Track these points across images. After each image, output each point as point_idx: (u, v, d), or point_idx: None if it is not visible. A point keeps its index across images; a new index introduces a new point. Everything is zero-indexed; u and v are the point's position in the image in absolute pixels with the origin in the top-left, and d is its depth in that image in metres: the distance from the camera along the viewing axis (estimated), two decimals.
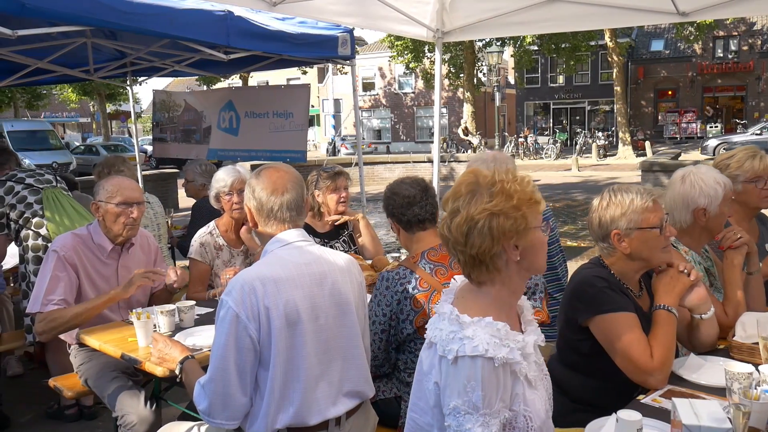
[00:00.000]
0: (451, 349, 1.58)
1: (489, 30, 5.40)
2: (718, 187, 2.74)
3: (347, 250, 4.02)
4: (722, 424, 1.59)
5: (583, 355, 2.34)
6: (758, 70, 35.27)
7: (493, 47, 26.76)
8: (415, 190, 2.68)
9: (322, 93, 41.46)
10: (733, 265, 2.76)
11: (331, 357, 2.09)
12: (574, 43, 28.30)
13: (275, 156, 7.32)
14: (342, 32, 5.92)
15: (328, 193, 3.92)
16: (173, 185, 15.03)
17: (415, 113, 41.90)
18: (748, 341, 2.40)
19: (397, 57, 30.19)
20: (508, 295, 1.72)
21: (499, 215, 1.62)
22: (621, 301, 2.26)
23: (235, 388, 1.96)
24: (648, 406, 2.05)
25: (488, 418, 1.54)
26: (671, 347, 2.22)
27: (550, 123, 40.69)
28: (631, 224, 2.26)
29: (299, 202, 2.17)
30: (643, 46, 38.47)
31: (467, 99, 27.79)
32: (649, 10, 4.55)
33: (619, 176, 20.47)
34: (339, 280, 2.15)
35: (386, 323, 2.54)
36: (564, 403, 2.30)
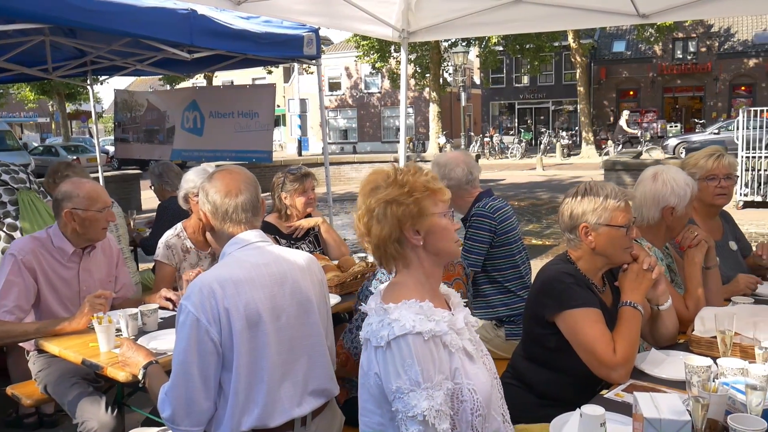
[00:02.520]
0: (382, 336, 1.64)
1: (454, 30, 5.44)
2: (687, 188, 2.84)
3: (313, 250, 4.00)
4: (682, 417, 1.62)
5: (549, 350, 2.37)
6: (716, 71, 36.16)
7: (458, 47, 26.91)
8: None
9: (288, 93, 41.14)
10: (694, 263, 2.84)
11: (294, 356, 2.09)
12: (538, 44, 28.63)
13: (240, 156, 7.26)
14: (307, 32, 5.89)
15: (296, 195, 3.90)
16: (136, 186, 14.77)
17: (381, 113, 41.91)
18: (707, 335, 2.46)
19: (363, 57, 30.15)
20: (425, 279, 1.80)
21: (391, 203, 1.73)
22: (587, 297, 2.30)
23: (199, 393, 1.94)
24: (611, 401, 2.08)
25: (431, 391, 1.60)
26: (634, 343, 2.27)
27: (515, 123, 41.09)
28: (600, 220, 2.32)
29: (255, 202, 2.16)
30: (605, 47, 39.12)
31: (433, 99, 27.89)
32: (610, 11, 4.64)
33: (583, 175, 20.76)
34: (300, 279, 2.14)
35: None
36: (529, 399, 2.33)
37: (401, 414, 1.61)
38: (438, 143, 27.77)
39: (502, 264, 3.55)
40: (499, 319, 3.55)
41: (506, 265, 3.55)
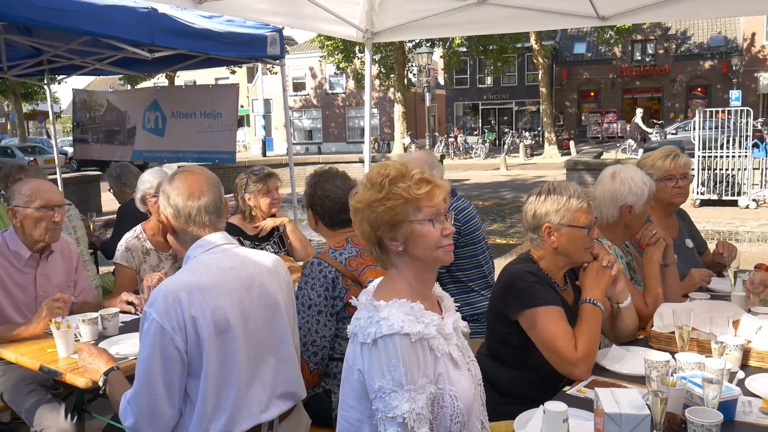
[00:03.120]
0: (369, 333, 1.63)
1: (418, 31, 5.46)
2: (645, 187, 2.90)
3: (278, 251, 3.98)
4: (641, 411, 1.66)
5: (513, 347, 2.40)
6: (673, 73, 37.01)
7: (422, 48, 27.00)
8: (347, 197, 2.71)
9: (252, 93, 40.79)
10: (652, 260, 2.91)
11: (262, 360, 2.06)
12: (501, 45, 28.95)
13: (203, 157, 7.17)
14: (271, 31, 5.85)
15: (260, 196, 3.87)
16: (96, 188, 14.47)
17: (346, 113, 41.83)
18: (665, 331, 2.52)
19: (327, 57, 30.08)
20: (415, 282, 1.78)
21: (365, 208, 1.74)
22: (549, 295, 2.34)
23: (163, 401, 1.90)
24: (573, 397, 2.12)
25: (413, 393, 1.59)
26: (595, 339, 2.30)
27: (479, 123, 41.43)
28: (562, 220, 2.36)
29: (218, 204, 2.11)
30: (567, 49, 39.72)
31: (398, 99, 27.98)
32: (571, 13, 4.71)
33: (546, 175, 21.04)
34: (267, 281, 2.11)
35: (321, 303, 2.56)
36: (493, 397, 2.35)
37: (381, 413, 1.60)
38: (403, 143, 27.87)
39: (466, 264, 3.57)
40: (464, 317, 3.56)
41: (470, 264, 3.58)
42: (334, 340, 2.64)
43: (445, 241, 1.76)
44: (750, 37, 34.50)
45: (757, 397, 2.07)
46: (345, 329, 2.63)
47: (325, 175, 2.81)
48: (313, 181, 2.81)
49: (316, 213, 2.79)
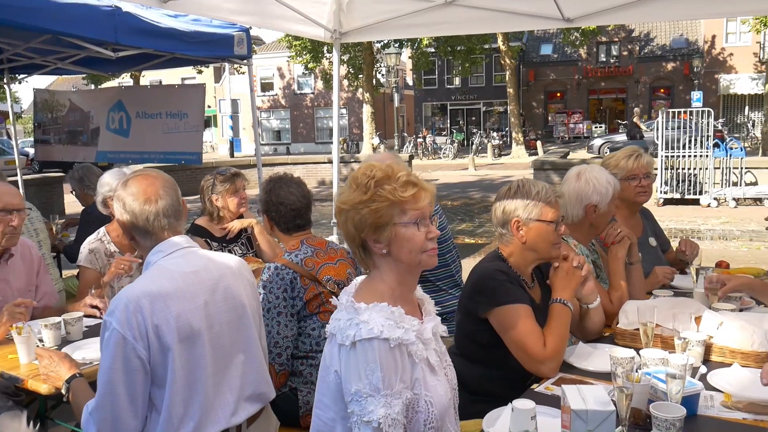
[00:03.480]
0: (348, 335, 1.62)
1: (386, 31, 5.47)
2: (609, 187, 2.95)
3: (246, 253, 3.95)
4: (607, 407, 1.68)
5: (482, 345, 2.42)
6: (637, 74, 37.68)
7: (391, 49, 27.09)
8: (301, 203, 2.84)
9: (219, 93, 40.34)
10: (617, 258, 2.96)
11: (229, 363, 2.04)
12: (469, 46, 29.14)
13: (169, 158, 7.08)
14: (238, 31, 5.80)
15: (228, 196, 3.84)
16: (59, 190, 14.15)
17: (315, 114, 41.66)
18: (630, 328, 2.57)
19: (295, 57, 29.92)
20: (396, 284, 1.78)
21: (350, 210, 1.73)
22: (518, 293, 2.37)
23: (126, 412, 1.85)
24: (541, 394, 2.14)
25: (390, 398, 1.59)
26: (564, 338, 2.34)
27: (448, 123, 41.66)
28: (531, 215, 2.40)
29: (176, 206, 2.06)
30: (533, 50, 40.15)
31: (366, 100, 27.95)
32: (537, 15, 4.77)
33: (514, 174, 21.24)
34: (231, 284, 2.09)
35: (281, 305, 2.62)
36: (462, 396, 2.37)
37: (356, 417, 1.60)
38: (372, 144, 27.86)
39: None
40: None
41: (438, 263, 3.59)
42: (297, 339, 2.68)
43: (430, 245, 1.76)
44: (711, 40, 35.32)
45: (718, 391, 2.12)
46: (307, 327, 2.67)
47: (279, 181, 2.85)
48: (268, 187, 2.86)
49: (272, 219, 2.86)
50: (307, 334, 2.70)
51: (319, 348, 2.69)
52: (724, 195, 13.20)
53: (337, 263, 2.80)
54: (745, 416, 1.94)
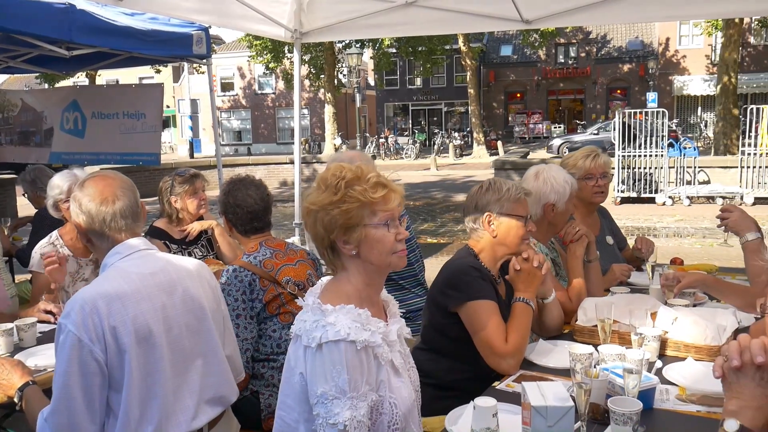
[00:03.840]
0: (314, 337, 1.61)
1: (347, 32, 5.47)
2: (567, 186, 3.01)
3: (206, 255, 3.89)
4: (566, 403, 1.71)
5: (451, 339, 2.47)
6: (594, 76, 38.39)
7: (352, 49, 27.06)
8: (259, 206, 2.82)
9: (178, 93, 39.74)
10: (576, 256, 3.02)
11: (189, 366, 2.01)
12: (430, 47, 29.31)
13: (126, 159, 6.95)
14: (197, 30, 5.74)
15: (187, 197, 3.78)
16: (11, 192, 13.73)
17: (276, 114, 41.34)
18: (589, 324, 2.61)
19: (256, 57, 29.68)
20: (364, 286, 1.78)
21: (319, 211, 1.72)
22: (489, 290, 2.43)
23: (83, 417, 1.81)
24: (503, 392, 2.17)
25: (356, 401, 1.59)
26: (524, 336, 2.38)
27: (410, 124, 41.81)
28: (502, 210, 2.49)
29: (134, 208, 2.03)
30: (494, 51, 40.57)
31: (328, 100, 27.88)
32: (496, 17, 4.83)
33: (475, 174, 21.45)
34: (190, 286, 2.06)
35: (240, 307, 2.62)
36: (428, 391, 2.39)
37: (322, 419, 1.59)
38: (334, 144, 27.80)
39: None
40: None
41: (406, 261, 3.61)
42: (257, 342, 2.66)
43: (399, 246, 1.76)
44: (665, 42, 36.19)
45: (673, 384, 2.17)
46: (268, 329, 2.66)
47: (238, 183, 2.84)
48: (227, 188, 2.86)
49: (230, 220, 2.85)
50: (268, 336, 2.68)
51: (280, 350, 2.67)
52: (679, 193, 13.55)
53: (296, 264, 2.80)
54: (699, 409, 2.00)
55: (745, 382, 1.39)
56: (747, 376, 1.39)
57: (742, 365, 1.38)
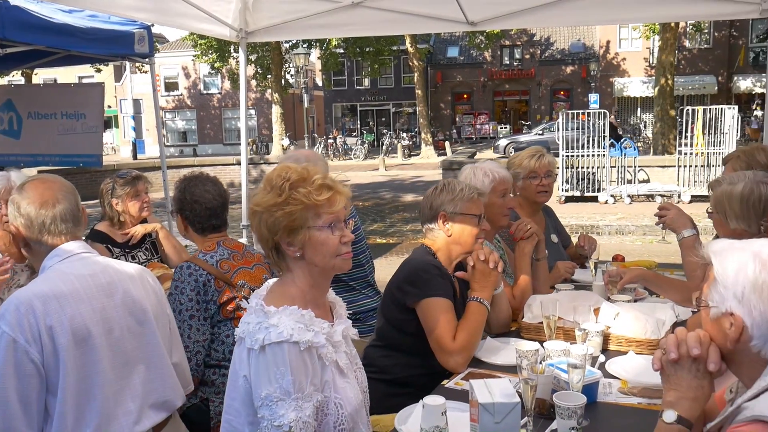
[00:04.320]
0: (257, 339, 1.61)
1: (294, 32, 5.43)
2: (486, 179, 3.05)
3: (150, 258, 3.80)
4: (512, 399, 1.74)
5: (408, 334, 2.49)
6: (538, 77, 39.18)
7: (299, 49, 26.89)
8: (217, 202, 2.74)
9: (120, 93, 38.65)
10: (524, 254, 3.07)
11: (131, 369, 1.97)
12: (378, 48, 29.39)
13: (65, 161, 6.72)
14: (138, 28, 5.60)
15: (129, 200, 3.67)
16: None
17: (222, 114, 40.70)
18: (535, 321, 2.67)
19: (201, 56, 29.18)
20: (309, 288, 1.77)
21: (263, 212, 1.71)
22: (447, 288, 2.47)
23: (20, 421, 1.75)
24: (452, 390, 2.19)
25: (301, 402, 1.59)
26: (475, 334, 2.42)
27: (358, 124, 41.83)
28: (456, 209, 2.53)
29: (75, 212, 1.99)
30: (440, 52, 40.95)
31: (275, 100, 27.63)
32: (442, 18, 4.87)
33: (423, 174, 21.62)
34: (131, 288, 2.02)
35: (193, 307, 2.54)
36: (381, 388, 2.40)
37: (267, 422, 1.58)
38: (282, 145, 27.57)
39: None
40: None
41: (353, 264, 3.60)
42: (209, 346, 2.59)
43: (344, 249, 1.76)
44: (605, 45, 37.20)
45: (615, 378, 2.24)
46: (221, 333, 2.60)
47: (195, 180, 2.76)
48: (182, 185, 2.76)
49: (186, 218, 2.75)
50: (221, 341, 2.62)
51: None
52: (620, 192, 13.95)
53: (253, 268, 2.74)
54: (640, 401, 2.06)
55: (682, 374, 1.44)
56: (684, 368, 1.44)
57: (679, 358, 1.43)
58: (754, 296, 1.32)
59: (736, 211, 2.34)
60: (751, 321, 1.33)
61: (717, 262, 1.40)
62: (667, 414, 1.43)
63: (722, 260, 1.39)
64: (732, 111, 13.58)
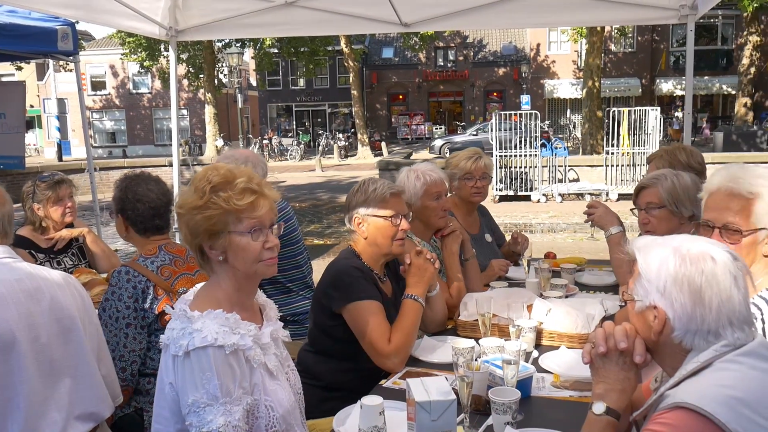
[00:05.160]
0: (181, 345, 1.58)
1: (226, 31, 5.33)
2: (417, 182, 3.08)
3: (77, 264, 3.66)
4: (448, 396, 1.75)
5: (338, 339, 2.46)
6: (472, 78, 39.85)
7: (232, 48, 26.46)
8: (161, 201, 2.63)
9: (43, 92, 37.02)
10: (452, 253, 3.11)
11: (57, 378, 1.89)
12: (313, 48, 29.24)
13: None
14: (62, 25, 5.38)
15: (50, 205, 3.50)
16: None
17: (153, 115, 39.57)
18: (470, 319, 2.71)
19: (129, 55, 28.33)
20: (235, 292, 1.75)
21: (185, 214, 1.69)
22: (371, 290, 2.44)
23: None
24: (389, 389, 2.20)
25: (229, 406, 1.57)
26: (410, 333, 2.42)
27: (294, 125, 41.48)
28: (368, 211, 2.50)
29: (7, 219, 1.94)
30: (376, 53, 41.11)
31: (208, 100, 27.10)
32: (376, 19, 4.89)
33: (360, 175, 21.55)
34: (59, 295, 1.94)
35: (130, 315, 2.41)
36: (316, 393, 2.38)
37: (195, 429, 1.55)
38: (216, 146, 27.07)
39: (286, 265, 3.55)
40: (283, 319, 3.54)
41: (289, 265, 3.57)
42: (145, 355, 2.49)
43: (267, 255, 1.73)
44: (536, 47, 38.18)
45: (548, 372, 2.29)
46: (158, 342, 2.50)
47: (137, 179, 2.64)
48: (123, 184, 2.63)
49: (127, 218, 2.62)
50: (158, 350, 2.52)
51: None
52: (552, 191, 14.34)
53: (195, 274, 2.61)
54: (571, 394, 2.12)
55: (610, 367, 1.49)
56: (611, 361, 1.49)
57: (607, 351, 1.48)
58: (674, 289, 1.37)
59: (692, 198, 2.55)
60: (672, 313, 1.38)
61: (641, 258, 1.45)
62: (597, 406, 1.48)
63: (645, 255, 1.44)
64: (655, 112, 14.18)
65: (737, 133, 22.93)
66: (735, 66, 31.11)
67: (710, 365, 1.33)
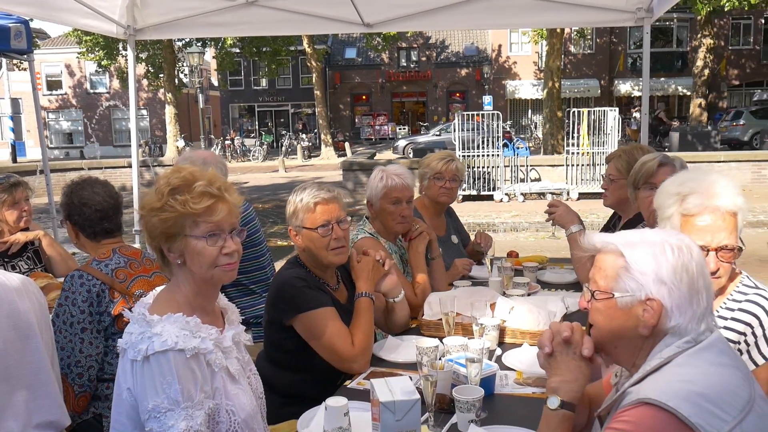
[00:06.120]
0: (140, 350, 1.55)
1: (186, 30, 5.26)
2: (380, 183, 3.09)
3: (33, 268, 3.56)
4: (412, 396, 1.76)
5: (290, 352, 2.42)
6: (435, 79, 40.07)
7: (193, 48, 26.10)
8: (108, 203, 2.57)
9: None
10: (418, 252, 3.13)
11: (13, 387, 1.84)
12: (275, 48, 29.01)
13: None
14: (15, 22, 5.23)
15: (6, 209, 3.41)
16: None
17: (111, 115, 38.80)
18: (434, 318, 2.72)
19: (86, 54, 27.72)
20: (194, 295, 1.73)
21: (144, 216, 1.67)
22: (320, 297, 2.38)
23: None
24: (354, 390, 2.19)
25: (191, 410, 1.55)
26: (369, 333, 2.41)
27: (256, 125, 41.13)
28: (298, 222, 2.43)
29: None
30: (339, 53, 41.02)
31: (169, 100, 26.67)
32: (338, 19, 4.89)
33: (324, 176, 21.51)
34: (16, 301, 1.89)
35: (86, 319, 2.36)
36: (274, 399, 2.35)
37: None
38: (176, 146, 26.65)
39: (249, 267, 3.52)
40: (246, 321, 3.50)
41: (252, 267, 3.54)
42: (103, 359, 2.44)
43: (224, 260, 1.70)
44: (497, 49, 38.58)
45: (512, 370, 2.32)
46: (115, 346, 2.45)
47: (82, 183, 2.59)
48: (69, 190, 2.57)
49: (75, 224, 2.57)
50: (116, 354, 2.47)
51: None
52: (514, 191, 14.50)
53: (152, 276, 2.56)
54: (534, 390, 2.15)
55: (561, 358, 1.52)
56: (560, 353, 1.52)
57: (552, 349, 1.52)
58: (675, 278, 1.37)
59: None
60: (671, 302, 1.37)
61: (629, 253, 1.41)
62: (551, 400, 1.50)
63: (632, 250, 1.42)
64: (614, 113, 14.45)
65: (692, 133, 23.55)
66: (690, 68, 31.92)
67: (671, 361, 1.36)
